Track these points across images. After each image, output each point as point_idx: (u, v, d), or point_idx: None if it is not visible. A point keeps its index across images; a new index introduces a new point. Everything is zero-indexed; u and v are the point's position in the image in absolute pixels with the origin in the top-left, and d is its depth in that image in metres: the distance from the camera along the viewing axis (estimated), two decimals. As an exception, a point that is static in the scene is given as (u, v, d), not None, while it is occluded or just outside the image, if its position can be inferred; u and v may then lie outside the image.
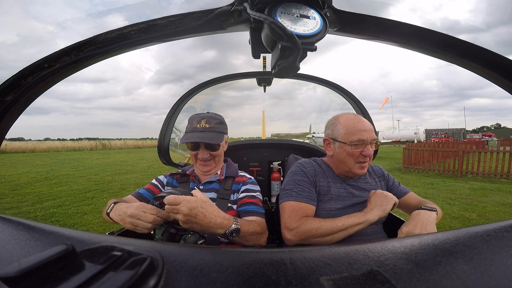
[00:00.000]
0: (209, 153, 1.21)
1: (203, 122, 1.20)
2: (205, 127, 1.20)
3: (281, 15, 0.43)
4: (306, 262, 0.29)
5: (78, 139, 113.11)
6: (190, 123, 1.23)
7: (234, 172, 1.29)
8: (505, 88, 0.55)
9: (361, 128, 1.11)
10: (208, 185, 1.24)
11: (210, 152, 1.21)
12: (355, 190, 1.15)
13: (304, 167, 1.20)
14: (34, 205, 4.94)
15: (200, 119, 1.21)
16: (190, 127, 1.22)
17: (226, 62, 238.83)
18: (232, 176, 1.27)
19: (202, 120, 1.21)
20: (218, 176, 1.25)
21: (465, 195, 5.42)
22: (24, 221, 0.44)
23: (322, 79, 1.91)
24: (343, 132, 1.13)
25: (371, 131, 1.12)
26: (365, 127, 1.12)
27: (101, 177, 8.38)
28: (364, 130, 1.11)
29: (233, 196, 1.21)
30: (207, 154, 1.20)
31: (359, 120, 1.14)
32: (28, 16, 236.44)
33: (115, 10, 0.60)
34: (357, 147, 1.10)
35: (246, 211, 1.13)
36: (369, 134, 1.11)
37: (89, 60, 0.52)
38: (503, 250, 0.31)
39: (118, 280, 0.24)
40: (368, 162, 1.15)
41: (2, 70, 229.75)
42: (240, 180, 1.26)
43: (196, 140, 1.17)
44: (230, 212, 1.13)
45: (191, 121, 1.23)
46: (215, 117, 1.24)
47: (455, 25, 0.70)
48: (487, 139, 28.83)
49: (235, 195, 1.22)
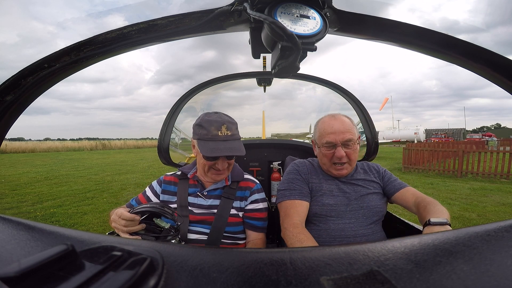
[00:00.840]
0: (228, 162, 1.10)
1: (224, 129, 1.05)
2: (227, 135, 1.05)
3: (281, 15, 0.43)
4: (306, 262, 0.29)
5: (78, 139, 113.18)
6: (206, 129, 1.04)
7: (239, 175, 1.21)
8: (505, 88, 0.55)
9: (329, 130, 1.12)
10: (213, 192, 1.16)
11: (228, 161, 1.10)
12: (346, 186, 1.17)
13: (297, 166, 1.25)
14: (34, 205, 4.94)
15: (219, 124, 1.05)
16: (209, 134, 1.03)
17: (225, 62, 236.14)
18: (236, 180, 1.20)
19: (222, 126, 1.05)
20: (224, 182, 1.17)
21: (465, 195, 5.42)
22: (24, 221, 0.44)
23: (322, 79, 1.91)
24: (317, 135, 1.18)
25: (341, 133, 1.10)
26: (335, 130, 1.11)
27: (101, 177, 8.38)
28: (333, 133, 1.11)
29: (238, 203, 1.15)
30: (226, 164, 1.09)
31: (331, 122, 1.14)
32: (29, 16, 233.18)
33: (115, 10, 0.60)
34: (327, 149, 1.12)
35: (254, 225, 1.14)
36: (338, 136, 1.10)
37: (89, 60, 0.52)
38: (503, 250, 0.31)
39: (118, 280, 0.24)
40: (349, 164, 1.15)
41: (3, 70, 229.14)
42: (246, 186, 1.19)
43: (224, 154, 1.02)
44: (233, 219, 1.12)
45: (208, 127, 1.04)
46: (232, 121, 1.11)
47: (454, 25, 0.70)
48: (487, 139, 28.84)
49: (242, 202, 1.16)
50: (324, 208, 1.11)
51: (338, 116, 1.18)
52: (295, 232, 0.97)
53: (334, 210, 1.10)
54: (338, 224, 1.09)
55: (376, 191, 1.19)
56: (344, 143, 1.11)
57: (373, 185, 1.20)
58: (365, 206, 1.12)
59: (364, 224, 1.09)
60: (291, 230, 0.99)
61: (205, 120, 1.07)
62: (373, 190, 1.18)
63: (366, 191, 1.16)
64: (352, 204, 1.12)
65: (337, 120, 1.15)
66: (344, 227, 1.08)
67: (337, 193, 1.15)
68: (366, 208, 1.12)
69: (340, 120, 1.15)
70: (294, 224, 1.01)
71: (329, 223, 1.10)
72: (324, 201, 1.12)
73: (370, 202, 1.14)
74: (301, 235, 0.96)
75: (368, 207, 1.12)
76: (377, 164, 1.33)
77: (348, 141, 1.11)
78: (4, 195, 5.69)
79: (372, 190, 1.18)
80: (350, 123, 1.17)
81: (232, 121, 1.11)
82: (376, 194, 1.18)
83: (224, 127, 1.05)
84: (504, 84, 0.54)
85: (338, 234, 1.08)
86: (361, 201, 1.13)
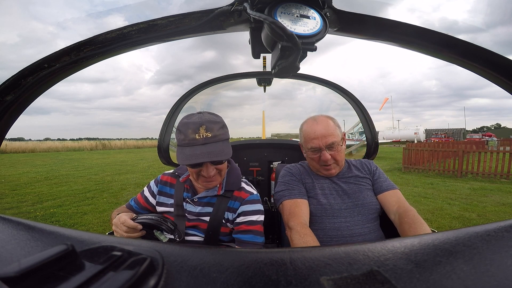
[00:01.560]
0: (215, 168, 0.98)
1: (202, 130, 0.92)
2: (207, 137, 0.92)
3: (281, 15, 0.43)
4: (306, 262, 0.29)
5: (78, 139, 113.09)
6: (183, 133, 0.94)
7: (235, 184, 1.09)
8: (505, 88, 0.55)
9: (312, 136, 1.13)
10: (203, 199, 1.07)
11: (216, 167, 0.98)
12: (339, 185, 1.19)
13: (290, 169, 1.28)
14: (34, 205, 4.94)
15: (197, 126, 0.93)
16: (186, 139, 0.93)
17: (225, 62, 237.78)
18: (231, 189, 1.08)
19: (200, 128, 0.92)
20: (216, 190, 1.06)
21: (465, 195, 5.42)
22: (24, 221, 0.44)
23: (322, 79, 1.91)
24: (302, 140, 1.20)
25: (324, 137, 1.11)
26: (317, 134, 1.12)
27: (101, 177, 8.38)
28: (315, 138, 1.12)
29: (227, 214, 1.05)
30: (213, 170, 0.97)
31: (313, 127, 1.15)
32: (29, 16, 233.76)
33: (115, 11, 0.60)
34: (313, 153, 1.14)
35: (242, 241, 1.01)
36: (321, 141, 1.11)
37: (89, 60, 0.52)
38: (503, 250, 0.31)
39: (118, 280, 0.24)
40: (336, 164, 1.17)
41: (3, 71, 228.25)
42: (238, 196, 1.07)
43: (201, 160, 0.90)
44: (225, 230, 1.05)
45: (185, 130, 0.93)
46: (214, 120, 0.97)
47: (454, 25, 0.70)
48: (487, 139, 28.84)
49: (231, 214, 1.05)
50: (318, 208, 1.12)
51: (319, 118, 1.17)
52: (303, 233, 0.94)
53: (329, 209, 1.11)
54: (334, 224, 1.09)
55: (369, 187, 1.20)
56: (328, 146, 1.12)
57: (365, 181, 1.21)
58: (359, 203, 1.12)
59: (360, 223, 1.09)
60: (299, 230, 0.95)
61: (183, 123, 0.96)
62: (366, 187, 1.19)
63: (360, 188, 1.17)
64: (347, 203, 1.12)
65: (319, 124, 1.15)
66: (340, 226, 1.08)
67: (331, 192, 1.16)
68: (361, 205, 1.12)
69: (322, 124, 1.14)
70: (302, 224, 1.00)
71: (325, 223, 1.10)
72: (318, 200, 1.13)
73: (365, 199, 1.14)
74: (308, 237, 0.93)
75: (363, 204, 1.12)
76: (371, 161, 1.33)
77: (332, 144, 1.12)
78: (4, 195, 5.69)
79: (365, 187, 1.19)
80: (332, 124, 1.15)
81: (215, 120, 0.97)
82: (369, 191, 1.19)
83: (202, 128, 0.92)
84: (504, 84, 0.54)
85: (335, 233, 1.08)
86: (355, 198, 1.13)
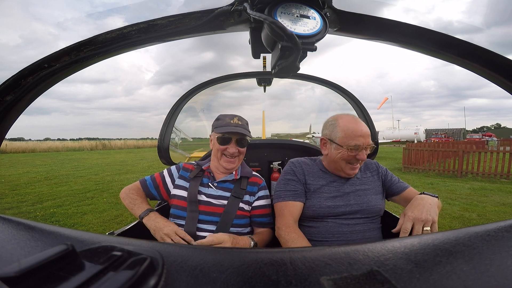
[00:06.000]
0: (238, 149, 1.23)
1: (236, 120, 1.24)
2: (238, 124, 1.23)
3: (281, 15, 0.43)
4: (306, 262, 0.29)
5: (78, 139, 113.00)
6: (221, 120, 1.26)
7: (248, 172, 1.32)
8: (504, 87, 0.55)
9: (359, 133, 1.12)
10: (222, 183, 1.25)
11: (239, 148, 1.24)
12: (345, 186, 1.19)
13: (294, 166, 1.26)
14: (34, 205, 4.94)
15: (232, 116, 1.25)
16: (223, 122, 1.24)
17: (224, 63, 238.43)
18: (246, 176, 1.30)
19: (234, 118, 1.25)
20: (233, 175, 1.27)
21: (465, 195, 5.41)
22: (24, 221, 0.44)
23: (322, 79, 1.91)
24: (341, 135, 1.14)
25: (368, 136, 1.13)
26: (363, 133, 1.13)
27: (101, 177, 8.37)
28: (362, 136, 1.12)
29: (247, 197, 1.25)
30: (236, 149, 1.22)
31: (358, 125, 1.15)
32: (30, 18, 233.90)
33: (115, 11, 0.60)
34: (352, 151, 1.12)
35: (262, 222, 1.25)
36: (366, 140, 1.12)
37: (89, 60, 0.52)
38: (503, 250, 0.31)
39: (118, 280, 0.24)
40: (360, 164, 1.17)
41: (4, 71, 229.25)
42: (255, 181, 1.30)
43: (234, 130, 1.19)
44: (241, 213, 1.20)
45: (223, 118, 1.26)
46: (244, 119, 1.30)
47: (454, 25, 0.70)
48: (487, 139, 28.83)
49: (251, 197, 1.26)
50: (322, 210, 1.12)
51: (358, 118, 1.20)
52: (288, 231, 1.05)
53: (333, 210, 1.11)
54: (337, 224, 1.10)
55: (375, 189, 1.20)
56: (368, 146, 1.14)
57: (371, 183, 1.21)
58: (364, 205, 1.13)
59: (361, 222, 1.11)
60: (284, 229, 1.06)
61: (221, 115, 1.29)
62: (372, 189, 1.19)
63: (365, 190, 1.17)
64: (352, 204, 1.13)
65: (361, 123, 1.17)
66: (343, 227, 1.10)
67: (336, 194, 1.16)
68: (365, 207, 1.13)
69: (363, 124, 1.17)
70: (287, 224, 1.08)
71: (329, 223, 1.11)
72: (322, 202, 1.13)
73: (370, 202, 1.15)
74: (292, 233, 1.04)
75: (368, 206, 1.13)
76: (375, 162, 1.33)
77: (369, 145, 1.14)
78: (4, 195, 5.68)
79: (371, 189, 1.19)
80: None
81: (244, 119, 1.30)
82: (375, 193, 1.19)
83: (236, 118, 1.25)
84: (503, 83, 0.54)
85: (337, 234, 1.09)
86: (360, 200, 1.14)
